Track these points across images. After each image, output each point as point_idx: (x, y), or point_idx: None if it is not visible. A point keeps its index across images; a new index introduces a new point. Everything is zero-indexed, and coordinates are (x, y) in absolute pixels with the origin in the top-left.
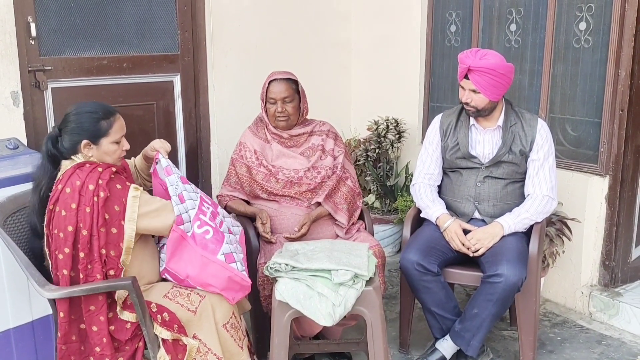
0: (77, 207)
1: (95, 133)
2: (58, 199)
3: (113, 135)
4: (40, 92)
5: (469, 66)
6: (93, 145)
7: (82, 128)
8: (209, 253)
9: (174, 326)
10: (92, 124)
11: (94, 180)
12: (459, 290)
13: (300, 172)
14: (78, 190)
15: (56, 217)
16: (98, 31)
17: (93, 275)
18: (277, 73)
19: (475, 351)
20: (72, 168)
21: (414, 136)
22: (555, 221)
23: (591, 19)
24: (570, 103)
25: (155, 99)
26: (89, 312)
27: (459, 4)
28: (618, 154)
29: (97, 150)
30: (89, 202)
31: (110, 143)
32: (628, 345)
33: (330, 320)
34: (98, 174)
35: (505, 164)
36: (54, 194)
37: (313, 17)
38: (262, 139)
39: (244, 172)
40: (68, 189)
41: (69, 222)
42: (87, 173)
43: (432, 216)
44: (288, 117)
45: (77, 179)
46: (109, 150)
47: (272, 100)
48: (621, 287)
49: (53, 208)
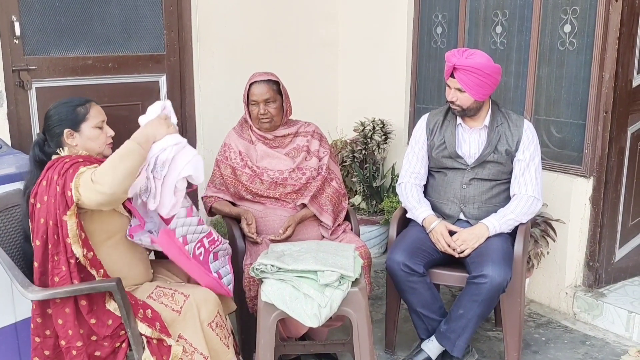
0: (47, 199)
1: (74, 120)
2: (37, 192)
3: (92, 119)
4: (25, 91)
5: (455, 64)
6: (75, 132)
7: (60, 118)
8: (203, 271)
9: (156, 324)
10: (69, 112)
11: (59, 170)
12: (444, 291)
13: (285, 173)
14: (48, 184)
15: (35, 210)
16: (83, 31)
17: (59, 266)
18: (257, 75)
19: (460, 352)
20: (52, 161)
21: (400, 137)
22: (540, 222)
23: (576, 22)
24: (555, 105)
25: (141, 99)
26: (55, 304)
27: (445, 6)
28: (602, 156)
29: (80, 137)
30: (53, 192)
31: (91, 128)
32: (612, 346)
33: (316, 321)
34: (63, 163)
35: (491, 164)
36: (35, 188)
37: (300, 18)
38: (247, 140)
39: (228, 173)
40: (44, 182)
41: (42, 214)
42: (58, 165)
43: (418, 217)
44: (271, 119)
45: (51, 172)
46: (92, 135)
47: (254, 102)
48: (605, 287)
49: (34, 202)
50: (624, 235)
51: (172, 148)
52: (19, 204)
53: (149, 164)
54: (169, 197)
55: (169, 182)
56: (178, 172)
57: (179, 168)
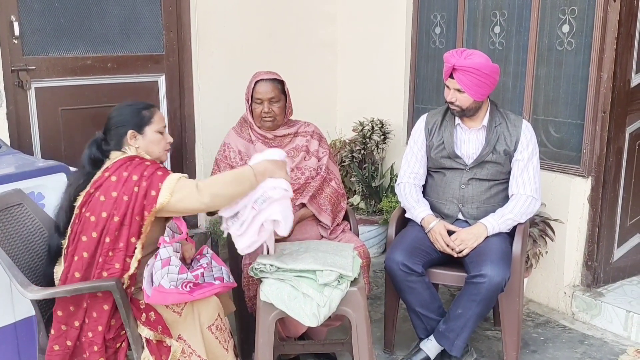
0: (117, 195)
1: (139, 122)
2: (101, 185)
3: (156, 124)
4: (24, 91)
5: (454, 65)
6: (138, 134)
7: (126, 120)
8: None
9: (158, 327)
10: (134, 115)
11: (139, 172)
12: (443, 290)
13: None
14: (123, 181)
15: (94, 201)
16: (82, 31)
17: (112, 262)
18: (263, 73)
19: (459, 351)
20: (124, 159)
21: (399, 137)
22: (539, 222)
23: (574, 22)
24: (554, 105)
25: (140, 99)
26: (94, 298)
27: (443, 6)
28: (600, 156)
29: (143, 139)
30: (129, 191)
31: (154, 132)
32: (610, 345)
33: (314, 321)
34: (145, 166)
35: (490, 164)
36: (99, 179)
37: (299, 18)
38: (246, 140)
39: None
40: (114, 178)
41: (105, 208)
42: (135, 166)
43: (417, 217)
44: (274, 118)
45: (124, 171)
46: (154, 139)
47: (259, 100)
48: (603, 287)
49: (93, 192)
50: (622, 235)
51: (281, 191)
52: (19, 204)
53: (255, 193)
54: (252, 233)
55: (260, 218)
56: (271, 213)
57: (274, 210)
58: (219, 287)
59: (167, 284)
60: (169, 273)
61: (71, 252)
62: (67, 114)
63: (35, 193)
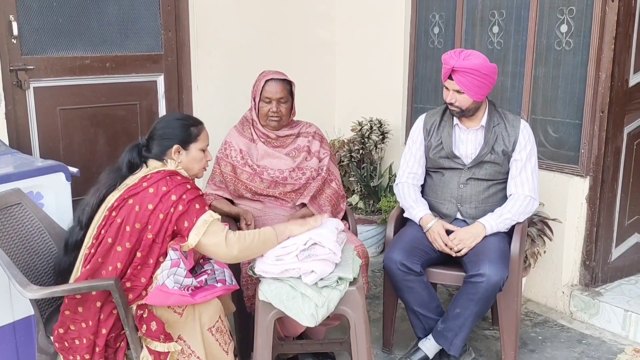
0: (153, 209)
1: (186, 138)
2: (137, 194)
3: (201, 142)
4: (22, 91)
5: (453, 67)
6: (183, 150)
7: (173, 134)
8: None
9: (160, 336)
10: (183, 130)
11: (179, 193)
12: (441, 290)
13: (285, 173)
14: (161, 196)
15: (127, 208)
16: (81, 30)
17: (138, 276)
18: (272, 72)
19: (457, 350)
20: (164, 173)
21: (397, 137)
22: (537, 221)
23: (572, 22)
24: (552, 105)
25: (139, 99)
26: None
27: (442, 6)
28: (598, 155)
29: (186, 156)
30: (166, 210)
31: (198, 150)
32: (608, 344)
33: (313, 321)
34: (185, 189)
35: (488, 164)
36: (136, 187)
37: (297, 18)
38: (248, 139)
39: (228, 171)
40: (152, 189)
41: (139, 220)
42: (176, 184)
43: (415, 216)
44: (280, 118)
45: (164, 185)
46: (197, 157)
47: (268, 99)
48: (601, 286)
49: (127, 199)
50: (620, 235)
51: (328, 253)
52: (18, 203)
53: (304, 241)
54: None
55: (300, 265)
56: (311, 266)
57: (315, 265)
58: (220, 289)
59: (171, 284)
60: (176, 275)
61: (98, 257)
62: (66, 113)
63: (34, 192)
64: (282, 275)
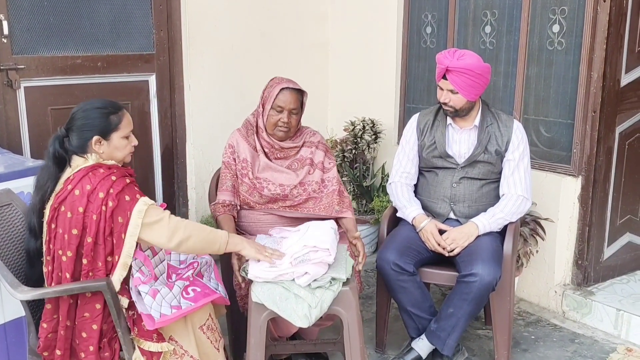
0: (84, 211)
1: (106, 128)
2: (65, 199)
3: (123, 129)
4: (13, 91)
5: (447, 67)
6: (104, 141)
7: (92, 124)
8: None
9: (153, 336)
10: (102, 119)
11: (105, 189)
12: (434, 290)
13: (287, 190)
14: (87, 195)
15: (61, 216)
16: (72, 30)
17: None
18: (285, 81)
19: (450, 350)
20: (85, 170)
21: (390, 137)
22: (529, 221)
23: (564, 22)
24: (544, 104)
25: (130, 98)
26: (82, 318)
27: (434, 6)
28: (590, 155)
29: (108, 146)
30: (97, 209)
31: (120, 138)
32: (600, 344)
33: (306, 322)
34: (111, 182)
35: (481, 164)
36: (62, 193)
37: (290, 18)
38: (252, 146)
39: (233, 174)
40: (77, 191)
41: (74, 225)
42: (100, 179)
43: (408, 216)
44: (289, 129)
45: (87, 183)
46: (120, 145)
47: (280, 108)
48: (593, 286)
49: (58, 207)
50: (612, 234)
51: (322, 255)
52: (8, 204)
53: (298, 248)
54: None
55: (293, 270)
56: (304, 268)
57: (308, 268)
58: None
59: (168, 310)
60: (164, 299)
61: (55, 271)
62: (57, 113)
63: (24, 193)
64: (275, 279)
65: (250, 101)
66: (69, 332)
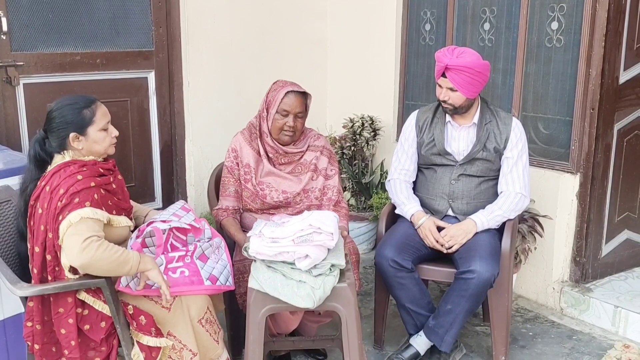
0: (47, 207)
1: (80, 124)
2: (39, 196)
3: (98, 122)
4: (12, 87)
5: (447, 64)
6: (81, 136)
7: (66, 121)
8: (195, 286)
9: (151, 330)
10: (75, 115)
11: (66, 186)
12: (432, 286)
13: (290, 197)
14: (52, 191)
15: (35, 213)
16: (71, 27)
17: (61, 277)
18: (290, 84)
19: (448, 347)
20: (59, 166)
21: (389, 134)
22: (527, 218)
23: (563, 19)
24: (543, 101)
25: (129, 95)
26: (57, 314)
27: (433, 3)
28: (589, 152)
29: (86, 141)
30: (54, 204)
31: (97, 131)
32: (598, 340)
33: (310, 302)
34: (74, 181)
35: (480, 161)
36: (37, 190)
37: (289, 15)
38: (255, 151)
39: (237, 178)
40: (48, 187)
41: (43, 221)
42: (66, 177)
43: (407, 213)
44: (294, 133)
45: (56, 180)
46: (98, 139)
47: (285, 112)
48: (591, 283)
49: (34, 204)
50: (610, 231)
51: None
52: (8, 200)
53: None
54: (273, 253)
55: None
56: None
57: (310, 249)
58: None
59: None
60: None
61: (31, 267)
62: None
63: None
64: (276, 258)
65: (249, 98)
66: (47, 328)
